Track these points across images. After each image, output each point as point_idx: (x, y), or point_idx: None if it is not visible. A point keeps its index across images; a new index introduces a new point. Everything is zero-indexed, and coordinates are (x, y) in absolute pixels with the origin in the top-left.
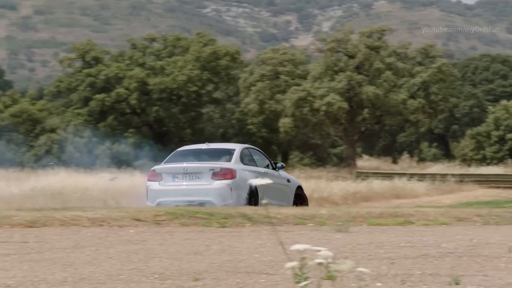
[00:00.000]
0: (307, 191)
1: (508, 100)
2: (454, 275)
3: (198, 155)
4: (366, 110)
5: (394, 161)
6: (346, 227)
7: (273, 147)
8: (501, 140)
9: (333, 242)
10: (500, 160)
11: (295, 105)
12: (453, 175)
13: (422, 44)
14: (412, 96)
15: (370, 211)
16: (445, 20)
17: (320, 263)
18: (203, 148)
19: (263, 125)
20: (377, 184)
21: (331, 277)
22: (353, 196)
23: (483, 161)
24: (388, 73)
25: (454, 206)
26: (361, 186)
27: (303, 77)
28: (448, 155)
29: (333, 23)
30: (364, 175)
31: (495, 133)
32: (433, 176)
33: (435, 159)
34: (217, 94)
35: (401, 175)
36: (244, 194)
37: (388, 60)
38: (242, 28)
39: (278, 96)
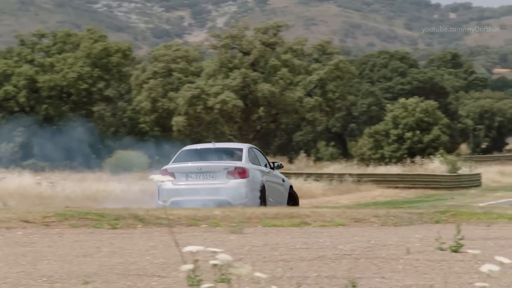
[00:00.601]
0: None
1: (407, 98)
2: (351, 277)
3: (206, 154)
4: (261, 108)
5: (291, 161)
6: (240, 228)
7: (166, 147)
8: (400, 139)
9: (227, 243)
10: (398, 160)
11: (189, 103)
12: (350, 175)
13: (319, 40)
14: (309, 94)
15: (265, 212)
16: (342, 16)
17: (215, 265)
18: (210, 147)
19: (156, 123)
20: None
21: (225, 280)
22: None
23: (382, 160)
24: (284, 70)
25: (352, 207)
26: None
27: (197, 74)
28: (345, 155)
29: (227, 19)
30: None
31: (393, 131)
32: (330, 176)
33: (332, 158)
34: (108, 92)
35: (298, 175)
36: (257, 193)
37: (284, 57)
38: (134, 24)
39: (171, 94)
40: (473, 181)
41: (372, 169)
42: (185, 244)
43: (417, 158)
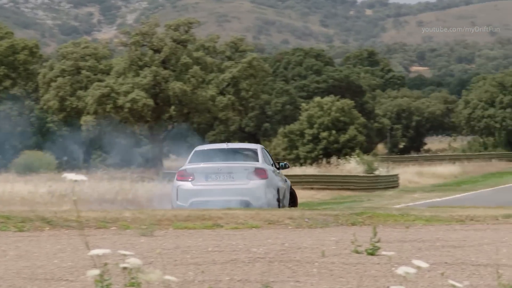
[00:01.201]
0: (110, 194)
1: (322, 97)
2: (264, 281)
3: (222, 155)
4: (173, 107)
5: None
6: (151, 231)
7: (75, 147)
8: (315, 139)
9: (137, 246)
10: (314, 160)
11: (98, 102)
12: None
13: (232, 37)
14: (221, 93)
15: (176, 214)
16: (256, 12)
17: (125, 269)
18: (224, 147)
19: (64, 123)
20: None
21: (135, 284)
22: (160, 198)
23: (297, 161)
24: (196, 68)
25: (265, 209)
26: (168, 187)
27: (106, 72)
28: None
29: (137, 16)
30: (171, 176)
31: (308, 131)
32: None
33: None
34: (15, 91)
35: None
36: (276, 194)
37: (195, 54)
38: (41, 20)
39: (80, 92)
40: (390, 182)
41: (286, 170)
42: (94, 247)
43: (333, 159)
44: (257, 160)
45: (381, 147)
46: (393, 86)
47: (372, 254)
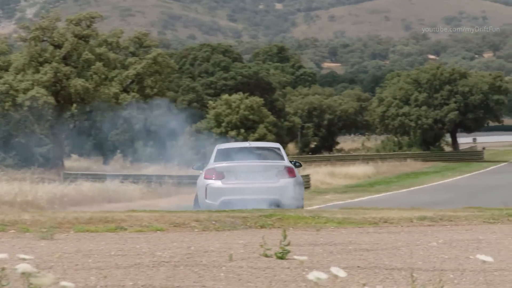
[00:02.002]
0: (9, 195)
1: (230, 94)
2: (169, 286)
3: (246, 154)
4: (74, 105)
5: (106, 161)
6: (51, 234)
7: None
8: (223, 138)
9: (36, 250)
10: None
11: None
12: (170, 176)
13: (136, 32)
14: (125, 90)
15: (78, 216)
16: (161, 6)
17: (23, 274)
18: (246, 146)
19: None
20: (87, 186)
21: None
22: (61, 200)
23: (203, 161)
24: (98, 64)
25: (171, 211)
26: (70, 188)
27: (5, 68)
28: (165, 155)
29: (37, 10)
30: (73, 177)
31: (216, 130)
32: (149, 178)
33: (151, 159)
34: None
35: (114, 176)
36: (302, 193)
37: (98, 50)
38: None
39: None
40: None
41: (193, 171)
42: None
43: None
44: (283, 159)
45: (291, 147)
46: (304, 83)
47: (282, 258)
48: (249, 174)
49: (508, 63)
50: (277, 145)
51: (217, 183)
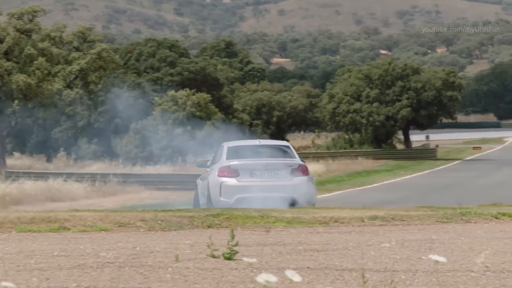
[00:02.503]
0: None
1: (177, 91)
2: (113, 287)
3: (258, 152)
4: (16, 102)
5: (49, 159)
6: None
7: None
8: (169, 135)
9: None
10: (168, 158)
11: None
12: (115, 175)
13: (79, 27)
14: (69, 86)
15: (20, 216)
16: (106, 0)
17: None
18: (256, 144)
19: None
20: (29, 185)
21: None
22: (2, 199)
23: (150, 159)
24: (41, 59)
25: (116, 210)
26: (12, 187)
27: None
28: (110, 153)
29: None
30: (15, 175)
31: (162, 127)
32: (93, 176)
33: (95, 157)
34: None
35: (57, 175)
36: (315, 191)
37: (41, 45)
38: None
39: None
40: None
41: (139, 169)
42: None
43: (189, 157)
44: (294, 157)
45: None
46: (252, 79)
47: (229, 258)
48: (264, 172)
49: (461, 58)
50: (286, 143)
51: (232, 181)
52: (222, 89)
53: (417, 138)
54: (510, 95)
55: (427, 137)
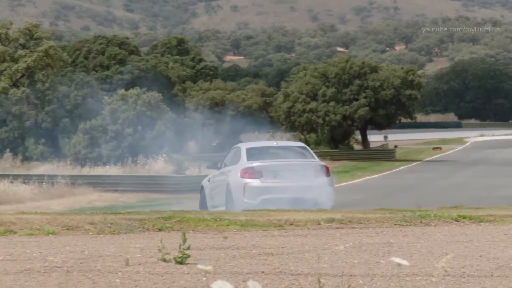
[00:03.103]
0: None
1: (127, 89)
2: None
3: (278, 153)
4: None
5: None
6: None
7: None
8: (119, 135)
9: None
10: (118, 159)
11: None
12: (63, 176)
13: (26, 23)
14: (15, 84)
15: None
16: None
17: None
18: (274, 145)
19: None
20: None
21: None
22: None
23: (99, 160)
24: None
25: (64, 213)
26: None
27: None
28: (58, 154)
29: None
30: None
31: (112, 127)
32: (40, 177)
33: (42, 158)
34: None
35: (3, 176)
36: (334, 192)
37: None
38: None
39: None
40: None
41: (88, 170)
42: None
43: (140, 158)
44: (314, 158)
45: (192, 145)
46: (205, 77)
47: (181, 262)
48: (287, 173)
49: (421, 56)
50: (302, 144)
51: (255, 182)
52: (174, 88)
53: (375, 138)
54: (471, 94)
55: (386, 137)
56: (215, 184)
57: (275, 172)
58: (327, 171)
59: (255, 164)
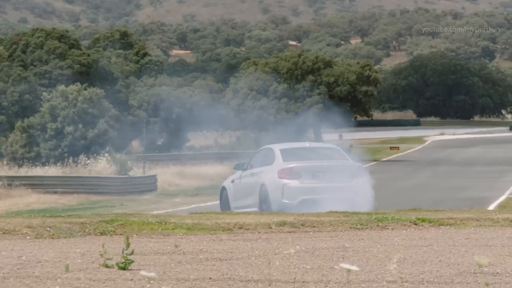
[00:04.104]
0: None
1: (67, 85)
2: None
3: (313, 154)
4: None
5: None
6: None
7: None
8: (59, 134)
9: None
10: (58, 159)
11: None
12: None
13: None
14: None
15: None
16: None
17: None
18: (307, 146)
19: None
20: None
21: None
22: None
23: (37, 160)
24: None
25: (0, 216)
26: None
27: None
28: None
29: None
30: None
31: (51, 125)
32: None
33: None
34: None
35: None
36: (373, 193)
37: None
38: None
39: None
40: (147, 185)
41: (26, 171)
42: None
43: (81, 157)
44: (348, 158)
45: (136, 144)
46: (150, 72)
47: (124, 268)
48: (325, 174)
49: (378, 50)
50: (333, 145)
51: (294, 183)
52: (117, 84)
53: (329, 137)
54: (430, 90)
55: (341, 136)
56: (242, 185)
57: (313, 172)
58: (364, 172)
59: (293, 164)
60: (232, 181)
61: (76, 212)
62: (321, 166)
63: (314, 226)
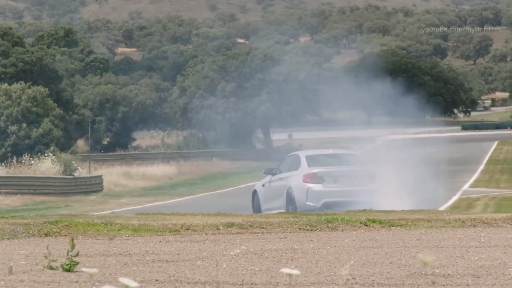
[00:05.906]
0: None
1: (10, 84)
2: None
3: (336, 160)
4: None
5: None
6: None
7: None
8: (2, 133)
9: None
10: (2, 159)
11: None
12: None
13: None
14: None
15: None
16: None
17: None
18: (330, 153)
19: None
20: None
21: None
22: None
23: None
24: None
25: None
26: None
27: None
28: None
29: None
30: None
31: None
32: None
33: None
34: None
35: None
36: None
37: None
38: None
39: None
40: (93, 185)
41: None
42: None
43: (25, 157)
44: (367, 164)
45: (81, 144)
46: (95, 70)
47: (69, 270)
48: (346, 178)
49: (328, 48)
50: (353, 152)
51: (317, 187)
52: (61, 82)
53: (279, 136)
54: (381, 89)
55: (290, 135)
56: (271, 188)
57: (335, 177)
58: (381, 177)
59: (316, 170)
60: (263, 185)
61: (20, 213)
62: (343, 171)
63: (263, 227)
